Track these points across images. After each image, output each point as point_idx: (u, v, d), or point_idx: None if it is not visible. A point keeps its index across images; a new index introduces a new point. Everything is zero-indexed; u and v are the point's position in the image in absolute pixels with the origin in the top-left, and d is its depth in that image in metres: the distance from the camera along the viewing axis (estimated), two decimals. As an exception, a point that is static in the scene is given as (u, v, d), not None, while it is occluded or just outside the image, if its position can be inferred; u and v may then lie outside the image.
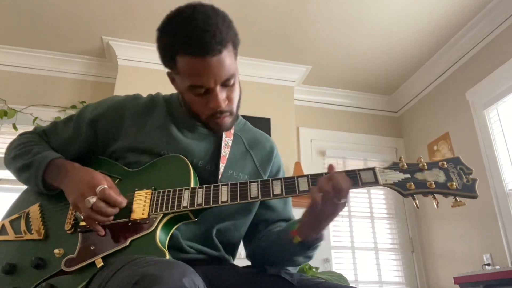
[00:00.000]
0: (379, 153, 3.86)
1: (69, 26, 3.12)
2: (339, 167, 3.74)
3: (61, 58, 3.43)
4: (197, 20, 0.87)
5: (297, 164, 3.26)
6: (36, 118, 3.14)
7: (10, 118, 3.09)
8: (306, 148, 3.68)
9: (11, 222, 0.99)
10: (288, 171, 3.08)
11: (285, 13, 2.97)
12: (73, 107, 3.31)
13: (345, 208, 0.88)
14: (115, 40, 3.25)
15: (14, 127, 3.08)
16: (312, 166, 3.60)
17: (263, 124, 3.28)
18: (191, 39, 0.87)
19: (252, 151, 1.13)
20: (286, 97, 3.53)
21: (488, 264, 2.78)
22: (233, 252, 1.10)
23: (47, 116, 3.19)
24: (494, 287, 2.33)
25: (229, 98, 0.97)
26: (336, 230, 3.48)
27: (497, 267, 2.57)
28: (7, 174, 2.95)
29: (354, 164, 3.81)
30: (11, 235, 0.96)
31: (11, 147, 1.08)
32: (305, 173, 3.30)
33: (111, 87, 3.29)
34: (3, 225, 0.99)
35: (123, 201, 0.90)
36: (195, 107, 0.99)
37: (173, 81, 1.02)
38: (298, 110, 3.65)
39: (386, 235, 3.61)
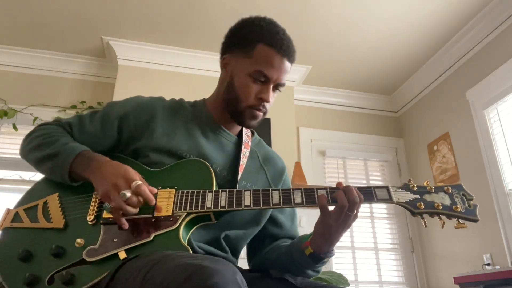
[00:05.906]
0: (379, 153, 3.86)
1: (69, 26, 3.12)
2: (339, 167, 3.75)
3: (61, 58, 3.43)
4: (285, 32, 1.11)
5: (297, 164, 3.25)
6: (36, 118, 3.14)
7: (10, 118, 3.09)
8: (306, 148, 3.68)
9: (25, 210, 0.98)
10: (288, 171, 3.08)
11: (285, 13, 2.97)
12: (73, 107, 3.31)
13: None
14: (115, 40, 3.25)
15: (14, 127, 3.08)
16: (312, 166, 3.60)
17: (263, 124, 3.25)
18: (279, 38, 1.06)
19: (266, 166, 1.19)
20: (286, 97, 3.53)
21: (488, 264, 2.78)
22: (237, 257, 1.14)
23: (47, 116, 3.18)
24: (494, 287, 2.33)
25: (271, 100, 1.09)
26: (336, 230, 3.48)
27: (497, 267, 2.57)
28: (7, 174, 2.98)
29: (354, 164, 3.81)
30: (26, 223, 0.95)
31: (33, 136, 1.07)
32: (305, 173, 3.33)
33: (111, 87, 3.30)
34: (16, 212, 0.98)
35: (154, 199, 0.93)
36: (243, 92, 1.06)
37: (225, 65, 1.12)
38: (298, 110, 3.66)
39: (386, 235, 3.61)
